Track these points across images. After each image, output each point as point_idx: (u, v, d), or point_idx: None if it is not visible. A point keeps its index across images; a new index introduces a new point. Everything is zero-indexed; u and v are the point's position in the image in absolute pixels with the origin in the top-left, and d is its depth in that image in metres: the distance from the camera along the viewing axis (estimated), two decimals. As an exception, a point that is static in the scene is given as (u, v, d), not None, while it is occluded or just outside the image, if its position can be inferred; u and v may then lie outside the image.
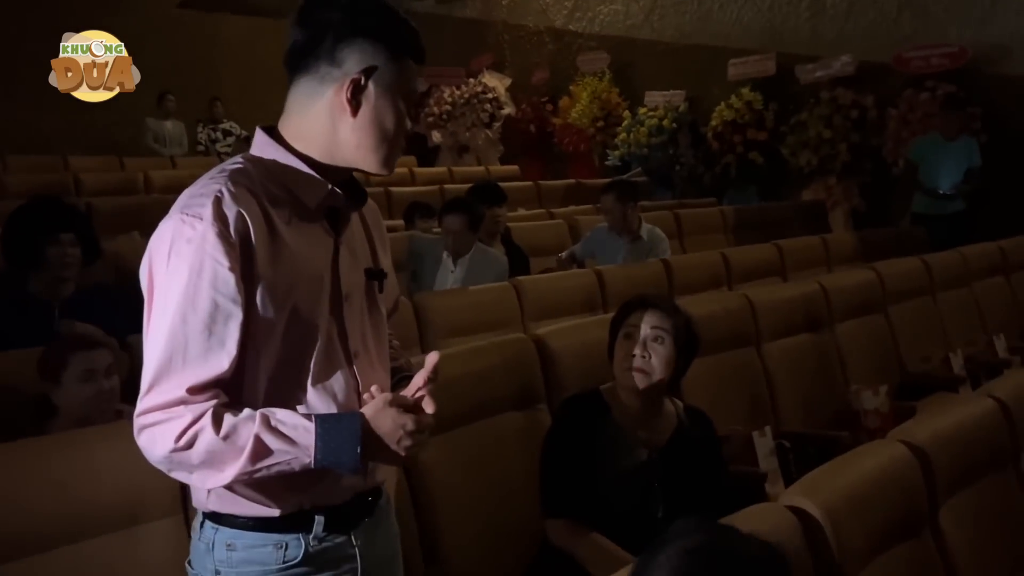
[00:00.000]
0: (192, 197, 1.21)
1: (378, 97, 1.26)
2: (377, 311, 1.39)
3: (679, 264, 4.25)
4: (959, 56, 6.23)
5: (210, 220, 1.17)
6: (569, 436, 2.00)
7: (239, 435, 1.17)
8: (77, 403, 2.06)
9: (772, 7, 7.58)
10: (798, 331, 3.30)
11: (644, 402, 2.03)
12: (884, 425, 2.96)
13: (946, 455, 1.86)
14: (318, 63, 1.26)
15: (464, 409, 2.15)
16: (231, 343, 1.19)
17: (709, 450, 2.11)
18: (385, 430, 1.21)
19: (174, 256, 1.18)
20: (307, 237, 1.27)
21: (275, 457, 1.18)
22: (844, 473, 1.70)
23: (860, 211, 6.82)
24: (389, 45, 1.27)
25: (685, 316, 2.07)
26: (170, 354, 1.18)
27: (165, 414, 1.17)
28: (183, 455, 1.17)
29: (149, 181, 6.59)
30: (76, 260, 2.75)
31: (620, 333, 2.06)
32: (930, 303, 4.09)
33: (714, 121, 7.61)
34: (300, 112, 1.29)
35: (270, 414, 1.20)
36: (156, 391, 1.18)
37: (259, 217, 1.21)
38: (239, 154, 1.31)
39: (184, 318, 1.17)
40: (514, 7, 10.06)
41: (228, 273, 1.17)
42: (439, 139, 10.14)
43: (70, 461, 1.59)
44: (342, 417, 1.24)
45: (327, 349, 1.28)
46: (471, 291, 3.50)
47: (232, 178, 1.22)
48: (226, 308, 1.18)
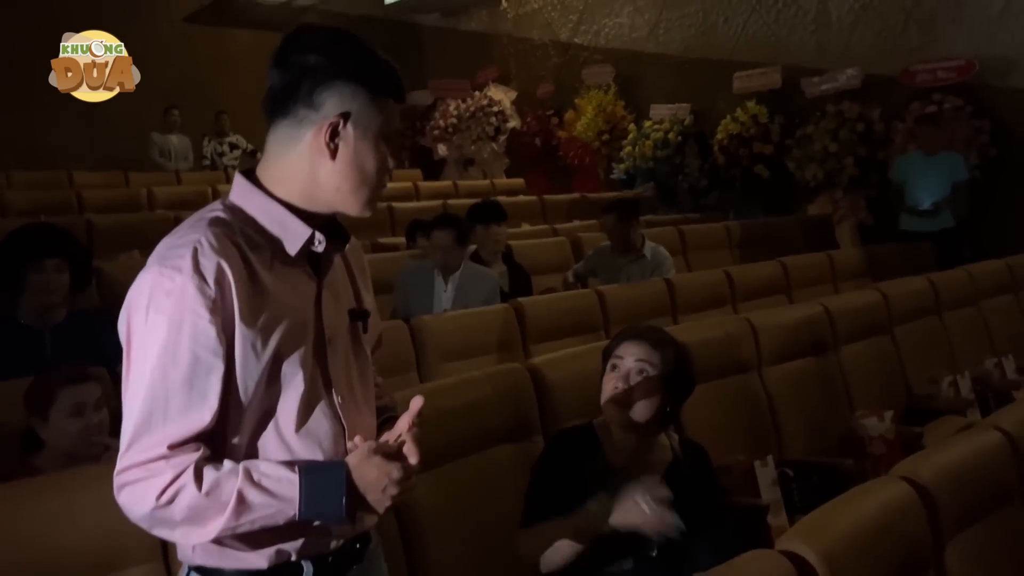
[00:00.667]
0: (171, 248, 1.19)
1: (357, 140, 1.24)
2: (362, 352, 1.37)
3: (682, 283, 4.21)
4: (966, 69, 6.18)
5: (189, 272, 1.15)
6: (558, 470, 1.94)
7: (222, 490, 1.15)
8: (64, 438, 2.03)
9: (778, 20, 7.55)
10: (801, 355, 3.25)
11: (634, 436, 1.97)
12: (890, 452, 2.92)
13: (951, 492, 1.80)
14: (296, 106, 1.24)
15: (456, 443, 2.11)
16: (213, 396, 1.17)
17: (705, 485, 2.05)
18: (370, 479, 1.19)
19: (153, 310, 1.16)
20: (289, 282, 1.25)
21: (259, 511, 1.16)
22: (844, 514, 1.65)
23: (867, 225, 6.76)
24: (368, 87, 1.24)
25: (676, 349, 2.00)
26: (150, 410, 1.16)
27: (146, 471, 1.15)
28: (165, 512, 1.15)
29: (153, 197, 6.58)
30: (63, 286, 2.70)
31: (608, 364, 2.01)
32: (936, 323, 4.03)
33: (720, 134, 7.57)
34: (279, 156, 1.27)
35: (253, 467, 1.18)
36: (136, 448, 1.16)
37: (239, 266, 1.19)
38: (219, 200, 1.29)
39: (164, 373, 1.15)
40: (519, 21, 10.05)
41: (208, 326, 1.16)
42: (444, 152, 10.13)
43: (47, 507, 1.55)
44: (326, 467, 1.22)
45: (311, 395, 1.26)
46: (469, 314, 3.46)
47: (211, 227, 1.21)
48: (207, 361, 1.16)
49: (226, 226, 1.22)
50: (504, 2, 10.18)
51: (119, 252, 4.70)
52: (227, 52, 10.34)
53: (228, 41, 10.41)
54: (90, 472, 1.67)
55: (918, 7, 6.62)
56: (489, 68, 10.20)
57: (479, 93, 10.00)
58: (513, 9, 10.12)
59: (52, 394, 2.04)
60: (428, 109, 10.24)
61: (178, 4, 10.13)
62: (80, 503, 1.55)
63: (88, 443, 2.04)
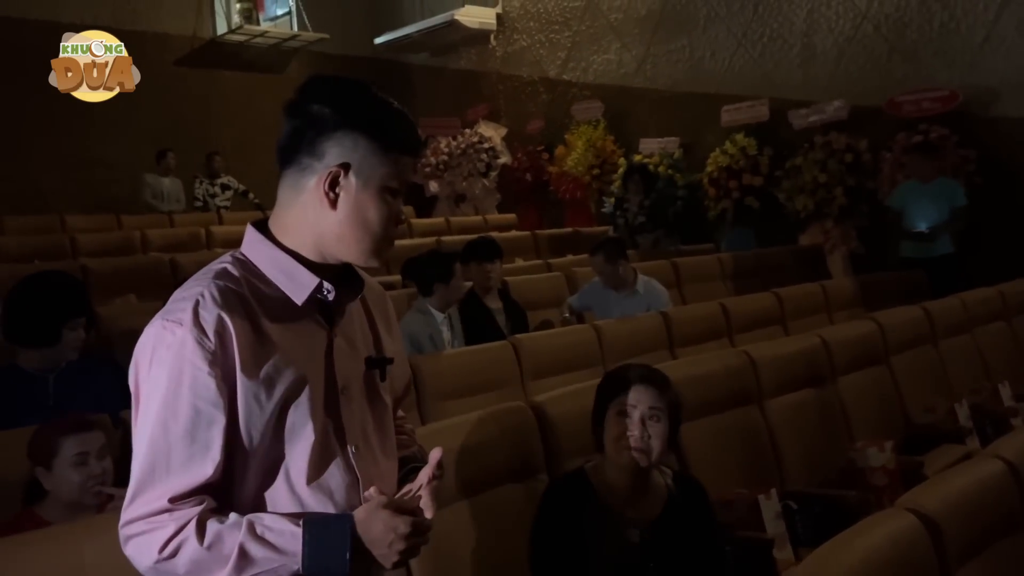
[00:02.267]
0: (175, 302, 1.20)
1: (359, 191, 1.24)
2: (379, 400, 1.36)
3: (678, 317, 4.23)
4: (950, 99, 6.28)
5: (189, 326, 1.16)
6: (556, 525, 1.94)
7: (224, 544, 1.14)
8: (68, 488, 2.01)
9: (764, 54, 7.67)
10: (800, 386, 3.26)
11: (634, 479, 1.98)
12: (892, 482, 2.92)
13: (957, 523, 1.81)
14: (300, 155, 1.25)
15: (461, 483, 2.10)
16: (215, 448, 1.17)
17: (703, 520, 2.05)
18: (375, 534, 1.18)
19: (155, 364, 1.17)
20: (297, 333, 1.25)
21: (260, 566, 1.16)
22: (852, 548, 1.65)
23: (859, 254, 6.82)
24: (375, 138, 1.24)
25: (672, 389, 2.03)
26: (152, 463, 1.16)
27: (149, 524, 1.15)
28: (167, 565, 1.15)
29: (146, 240, 6.58)
30: (82, 341, 2.76)
31: (611, 409, 1.99)
32: (932, 352, 4.06)
33: (709, 167, 7.65)
34: (287, 205, 1.28)
35: (257, 520, 1.17)
36: (139, 501, 1.16)
37: (242, 318, 1.20)
38: (229, 252, 1.30)
39: (165, 426, 1.16)
40: (508, 58, 10.18)
41: (208, 378, 1.16)
42: (436, 189, 10.19)
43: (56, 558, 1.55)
44: (331, 520, 1.20)
45: (323, 445, 1.25)
46: (467, 352, 3.47)
47: (216, 280, 1.22)
48: (208, 414, 1.16)
49: (232, 279, 1.23)
50: (493, 40, 10.31)
51: (114, 296, 4.69)
52: (218, 94, 10.43)
53: (219, 83, 10.50)
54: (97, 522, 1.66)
55: (901, 39, 6.75)
56: (479, 105, 10.31)
57: (469, 130, 10.09)
58: (502, 47, 10.25)
59: (55, 444, 2.03)
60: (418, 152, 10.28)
61: (170, 47, 10.22)
62: (89, 553, 1.54)
63: (92, 493, 2.02)
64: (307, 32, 10.68)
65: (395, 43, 10.74)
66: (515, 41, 10.10)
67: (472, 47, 10.52)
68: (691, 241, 7.76)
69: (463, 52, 10.66)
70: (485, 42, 10.36)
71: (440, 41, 10.56)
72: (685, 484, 2.09)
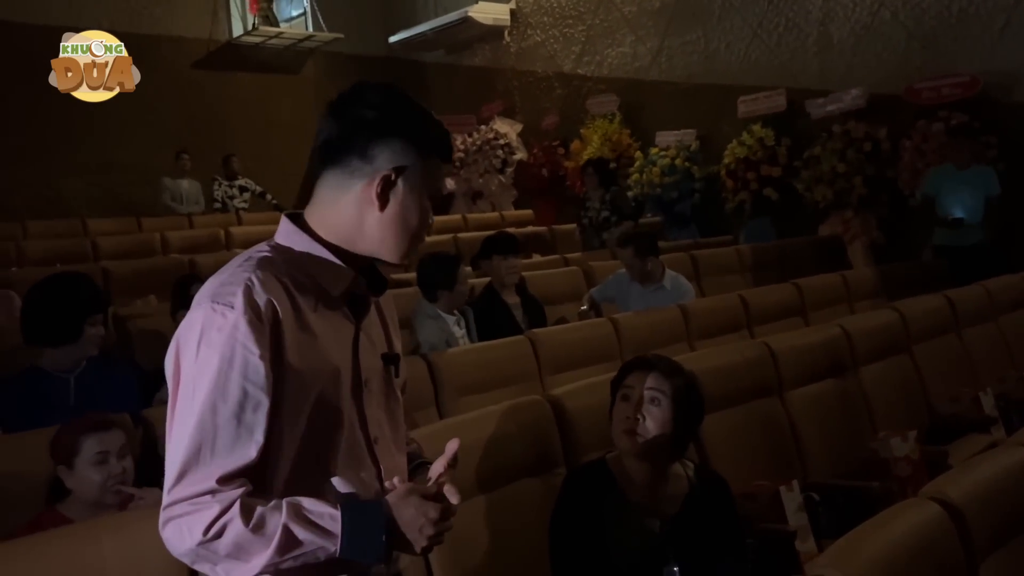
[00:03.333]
0: (222, 285, 1.22)
1: (406, 194, 1.30)
2: (393, 396, 1.40)
3: (697, 309, 4.20)
4: (970, 86, 6.20)
5: (241, 309, 1.19)
6: (575, 514, 1.93)
7: (268, 526, 1.16)
8: (89, 487, 2.03)
9: (780, 44, 7.61)
10: (821, 377, 3.23)
11: (648, 467, 1.96)
12: (916, 472, 2.89)
13: (983, 512, 1.78)
14: (350, 157, 1.29)
15: (480, 477, 2.10)
16: (259, 432, 1.19)
17: (725, 513, 2.03)
18: (407, 519, 1.20)
19: (204, 345, 1.19)
20: (331, 323, 1.29)
21: (303, 548, 1.17)
22: (875, 538, 1.63)
23: (879, 244, 6.75)
24: (419, 145, 1.30)
25: (687, 377, 2.01)
26: (199, 444, 1.17)
27: (193, 505, 1.17)
28: (210, 547, 1.16)
29: (166, 241, 6.64)
30: (103, 338, 2.80)
31: (618, 395, 2.01)
32: (955, 341, 4.01)
33: (727, 159, 7.60)
34: (327, 203, 1.31)
35: (298, 503, 1.19)
36: (185, 482, 1.17)
37: (287, 304, 1.23)
38: (264, 242, 1.33)
39: (214, 408, 1.18)
40: (522, 54, 10.17)
41: (259, 361, 1.18)
42: (452, 186, 10.20)
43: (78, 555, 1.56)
44: (367, 506, 1.23)
45: (350, 435, 1.29)
46: (485, 347, 3.46)
47: (260, 266, 1.24)
48: (255, 397, 1.19)
49: (273, 266, 1.26)
50: (507, 36, 10.30)
51: (135, 297, 4.73)
52: (234, 95, 10.50)
53: (235, 85, 10.57)
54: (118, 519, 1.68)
55: (919, 26, 6.66)
56: (494, 102, 10.31)
57: (485, 127, 10.09)
58: (516, 43, 10.24)
59: (77, 443, 2.04)
60: (450, 160, 10.31)
61: (186, 50, 10.30)
62: (109, 549, 1.55)
63: (112, 491, 2.04)
64: (322, 32, 10.73)
65: (409, 41, 10.76)
66: (529, 36, 10.08)
67: (486, 43, 10.51)
68: (709, 234, 7.73)
69: (477, 49, 10.66)
70: (499, 38, 10.35)
71: (454, 38, 10.57)
72: (707, 477, 2.08)
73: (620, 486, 1.95)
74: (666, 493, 1.98)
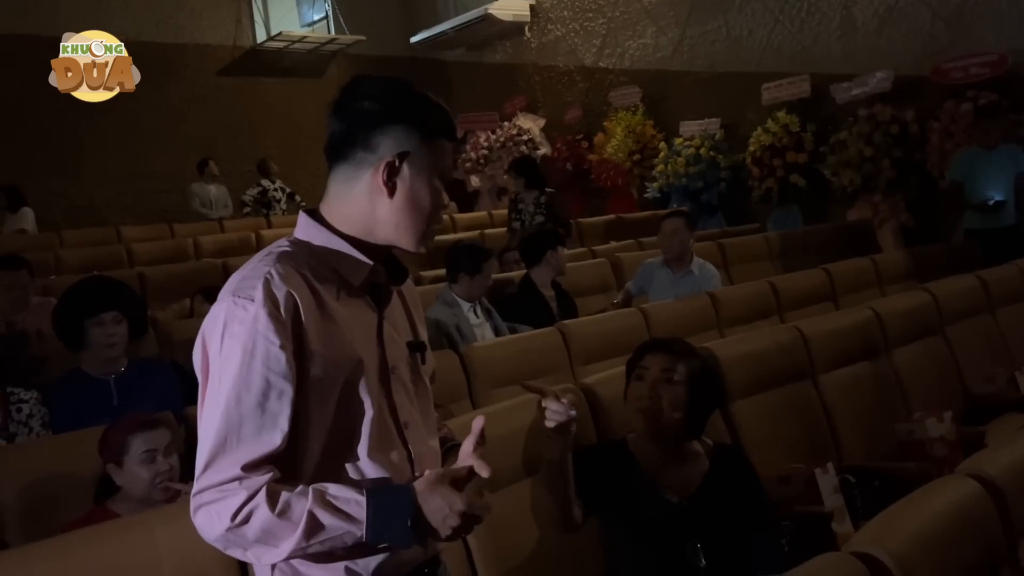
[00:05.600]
0: (243, 280, 1.26)
1: (413, 178, 1.31)
2: (421, 382, 1.42)
3: (726, 297, 4.19)
4: (998, 64, 6.11)
5: (261, 301, 1.22)
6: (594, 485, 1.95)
7: (293, 511, 1.19)
8: (138, 484, 2.09)
9: (802, 29, 7.55)
10: (854, 360, 3.21)
11: (665, 447, 1.99)
12: (952, 453, 2.87)
13: (1021, 489, 1.78)
14: (354, 150, 1.31)
15: (514, 466, 2.13)
16: (283, 420, 1.22)
17: (746, 489, 2.04)
18: (433, 507, 1.22)
19: (227, 338, 1.22)
20: (354, 312, 1.32)
21: (328, 532, 1.20)
22: (913, 514, 1.63)
23: (909, 227, 6.68)
24: (420, 128, 1.32)
25: (702, 360, 2.04)
26: (225, 433, 1.21)
27: (221, 492, 1.20)
28: (239, 532, 1.19)
29: (199, 246, 6.74)
30: (122, 337, 2.81)
31: (633, 375, 2.04)
32: (989, 320, 3.96)
33: (752, 146, 7.56)
34: (340, 197, 1.34)
35: (324, 489, 1.21)
36: (212, 470, 1.21)
37: (308, 296, 1.26)
38: (284, 237, 1.36)
39: (239, 398, 1.21)
40: (543, 49, 10.17)
41: (280, 351, 1.21)
42: (477, 183, 10.24)
43: (130, 546, 1.61)
44: (393, 491, 1.25)
45: (379, 421, 1.30)
46: (517, 339, 3.49)
47: (280, 260, 1.27)
48: (278, 386, 1.22)
49: (294, 259, 1.29)
50: (527, 32, 10.31)
51: (172, 301, 4.82)
52: (260, 101, 10.62)
53: (261, 90, 10.69)
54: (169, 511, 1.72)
55: (944, 5, 6.58)
56: (516, 98, 10.33)
57: (508, 123, 10.12)
58: (537, 38, 10.24)
59: (125, 442, 2.10)
60: (459, 142, 10.35)
61: (212, 57, 10.43)
62: (162, 539, 1.60)
63: (160, 488, 2.09)
64: (344, 35, 10.81)
65: (431, 41, 10.81)
66: (549, 31, 10.09)
67: (507, 40, 10.53)
68: (736, 222, 7.69)
69: (498, 46, 10.68)
70: (520, 34, 10.37)
71: (475, 36, 10.60)
72: (725, 453, 2.10)
73: (639, 463, 1.98)
74: (685, 470, 2.01)
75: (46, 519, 2.22)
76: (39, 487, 2.28)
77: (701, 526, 1.93)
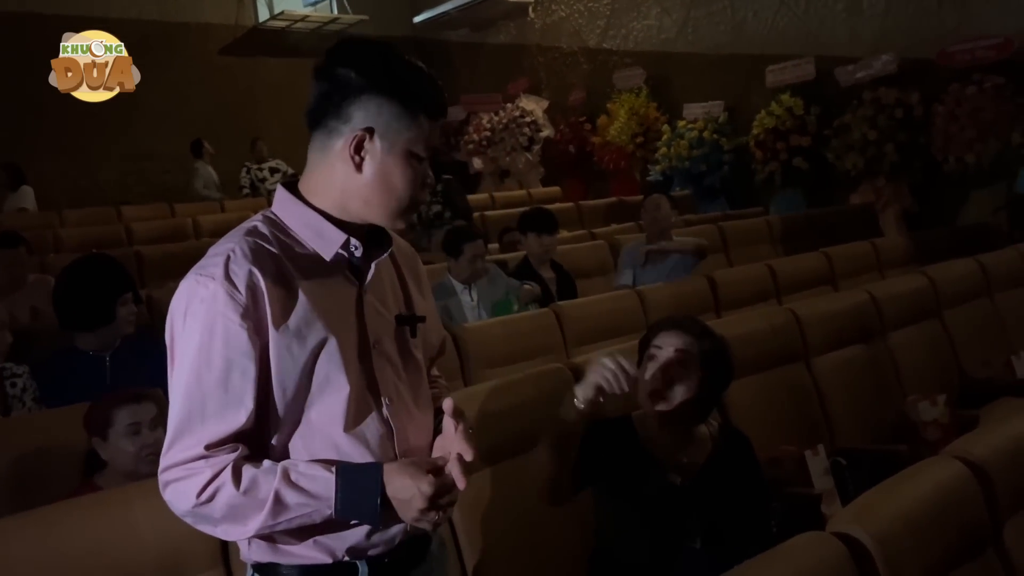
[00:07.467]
0: (208, 258, 1.24)
1: (384, 153, 1.25)
2: (411, 357, 1.38)
3: (724, 279, 4.17)
4: (1005, 47, 6.03)
5: (220, 279, 1.20)
6: (596, 458, 1.89)
7: (259, 489, 1.19)
8: (123, 457, 2.09)
9: (807, 11, 7.48)
10: (849, 343, 3.20)
11: (670, 428, 1.94)
12: (946, 436, 2.85)
13: (1007, 471, 1.77)
14: (327, 118, 1.26)
15: (502, 444, 2.12)
16: (248, 398, 1.21)
17: (749, 474, 2.02)
18: (398, 487, 1.21)
19: (189, 316, 1.21)
20: (327, 288, 1.28)
21: (295, 511, 1.20)
22: (897, 495, 1.63)
23: (912, 212, 6.64)
24: (401, 101, 1.25)
25: (714, 340, 1.96)
26: (188, 412, 1.20)
27: (186, 470, 1.20)
28: (205, 509, 1.19)
29: (198, 226, 6.75)
30: (135, 315, 2.86)
31: (645, 354, 1.96)
32: (988, 305, 3.94)
33: (755, 129, 7.51)
34: (315, 167, 1.30)
35: (291, 467, 1.21)
36: (177, 448, 1.21)
37: (272, 272, 1.23)
38: (260, 211, 1.34)
39: (199, 376, 1.20)
40: (547, 30, 10.10)
41: (240, 330, 1.19)
42: (480, 165, 10.20)
43: (111, 519, 1.61)
44: (363, 468, 1.24)
45: (358, 397, 1.28)
46: (510, 320, 3.48)
47: (247, 236, 1.25)
48: (240, 364, 1.20)
49: (261, 235, 1.27)
50: (531, 12, 10.24)
51: (169, 280, 4.82)
52: (262, 80, 10.57)
53: (263, 69, 10.64)
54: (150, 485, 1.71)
55: (950, -13, 6.52)
56: (519, 79, 10.27)
57: (511, 105, 10.07)
58: (540, 19, 10.17)
59: (110, 415, 2.10)
60: (461, 124, 10.33)
61: (213, 36, 10.39)
62: (142, 513, 1.60)
63: (146, 461, 2.09)
64: (347, 15, 10.75)
65: (434, 21, 10.75)
66: (553, 12, 10.01)
67: (511, 20, 10.46)
68: (740, 206, 7.65)
69: (502, 26, 10.61)
70: (523, 15, 10.29)
71: (479, 16, 10.53)
72: (731, 437, 2.06)
73: (643, 443, 1.95)
74: (690, 452, 1.97)
75: (36, 494, 2.22)
76: (29, 461, 2.29)
77: (700, 508, 1.91)
